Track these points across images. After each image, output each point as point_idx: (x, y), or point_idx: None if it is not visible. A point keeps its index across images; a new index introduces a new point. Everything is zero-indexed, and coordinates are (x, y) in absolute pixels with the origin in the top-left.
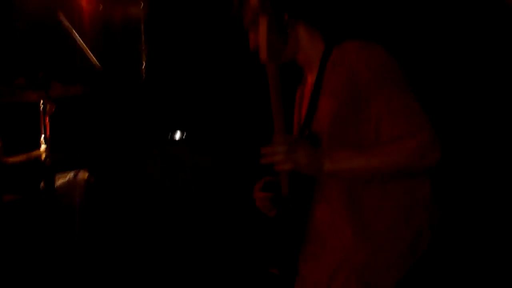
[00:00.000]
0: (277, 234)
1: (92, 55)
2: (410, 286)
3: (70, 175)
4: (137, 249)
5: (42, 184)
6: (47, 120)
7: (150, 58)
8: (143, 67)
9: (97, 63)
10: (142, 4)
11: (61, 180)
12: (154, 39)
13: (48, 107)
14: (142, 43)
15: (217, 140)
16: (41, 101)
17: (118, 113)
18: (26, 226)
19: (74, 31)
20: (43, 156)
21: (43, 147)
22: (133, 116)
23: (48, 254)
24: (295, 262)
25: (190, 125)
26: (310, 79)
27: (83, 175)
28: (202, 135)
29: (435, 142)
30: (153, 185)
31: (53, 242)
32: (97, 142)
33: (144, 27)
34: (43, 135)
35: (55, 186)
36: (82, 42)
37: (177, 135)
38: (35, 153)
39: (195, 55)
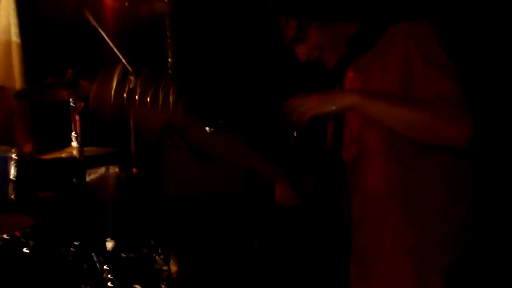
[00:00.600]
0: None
1: (119, 52)
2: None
3: (102, 170)
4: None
5: (74, 180)
6: (77, 117)
7: (176, 53)
8: (169, 61)
9: (124, 60)
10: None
11: (92, 175)
12: (180, 34)
13: (77, 104)
14: (168, 38)
15: (246, 133)
16: (71, 99)
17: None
18: (60, 221)
19: (101, 29)
20: (75, 152)
21: (74, 143)
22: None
23: (82, 249)
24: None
25: (219, 117)
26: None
27: (114, 170)
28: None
29: (470, 118)
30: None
31: (87, 236)
32: (126, 137)
33: (170, 23)
34: (73, 132)
35: (87, 181)
36: (109, 40)
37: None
38: (67, 149)
39: (221, 49)
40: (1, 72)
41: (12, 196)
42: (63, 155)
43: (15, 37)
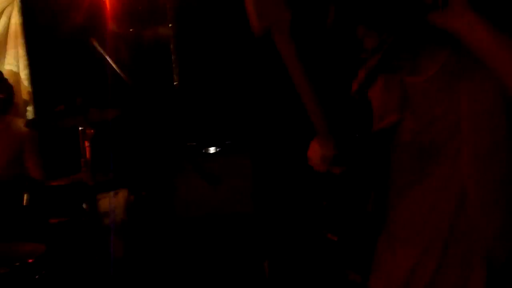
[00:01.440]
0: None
1: (126, 77)
2: None
3: (111, 194)
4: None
5: (85, 205)
6: (86, 144)
7: (181, 75)
8: (175, 84)
9: (131, 84)
10: (171, 24)
11: (102, 200)
12: (184, 56)
13: (87, 131)
14: (173, 61)
15: (255, 150)
16: (80, 127)
17: (154, 131)
18: (72, 246)
19: (107, 56)
20: (85, 178)
21: (84, 169)
22: (168, 132)
23: (93, 272)
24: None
25: (225, 138)
26: None
27: (123, 193)
28: (238, 147)
29: None
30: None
31: (97, 260)
32: (134, 160)
33: (174, 47)
34: (83, 159)
35: (97, 206)
36: (116, 66)
37: (211, 149)
38: (77, 176)
39: (224, 69)
40: None
41: (24, 223)
42: (73, 181)
43: (23, 68)
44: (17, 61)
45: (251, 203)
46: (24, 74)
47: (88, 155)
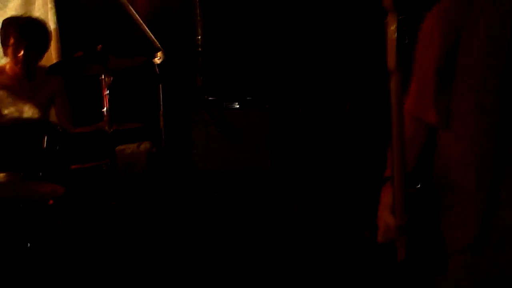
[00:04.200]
0: None
1: (147, 28)
2: None
3: (134, 146)
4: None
5: (104, 154)
6: (104, 92)
7: (205, 30)
8: (198, 37)
9: (152, 36)
10: None
11: (125, 151)
12: (209, 11)
13: (106, 79)
14: (198, 15)
15: (275, 107)
16: (100, 74)
17: (175, 84)
18: (91, 194)
19: (130, 6)
20: (106, 126)
21: (105, 118)
22: (189, 86)
23: (113, 221)
24: None
25: (247, 94)
26: None
27: (146, 145)
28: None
29: None
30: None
31: (116, 211)
32: (156, 113)
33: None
34: (105, 107)
35: (121, 157)
36: (138, 17)
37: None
38: (99, 124)
39: (248, 26)
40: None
41: (44, 166)
42: (94, 129)
43: (52, 24)
44: (46, 9)
45: (270, 161)
46: (53, 31)
47: (106, 102)
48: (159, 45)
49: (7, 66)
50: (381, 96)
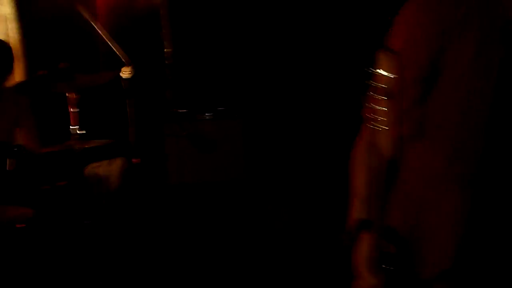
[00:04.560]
0: None
1: (114, 43)
2: None
3: (105, 163)
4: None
5: (73, 172)
6: (71, 110)
7: (174, 41)
8: (165, 50)
9: (120, 50)
10: None
11: (97, 168)
12: (177, 22)
13: (70, 96)
14: (164, 28)
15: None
16: (66, 92)
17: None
18: (61, 213)
19: (95, 23)
20: (74, 145)
21: (73, 136)
22: (159, 99)
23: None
24: None
25: (218, 104)
26: None
27: (119, 162)
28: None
29: None
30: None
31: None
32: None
33: (165, 12)
34: (72, 126)
35: (93, 174)
36: (104, 32)
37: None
38: (68, 143)
39: (217, 35)
40: None
41: (10, 188)
42: (63, 148)
43: (15, 43)
44: (7, 27)
45: (244, 169)
46: (14, 40)
47: (73, 120)
48: (128, 59)
49: None
50: (347, 98)
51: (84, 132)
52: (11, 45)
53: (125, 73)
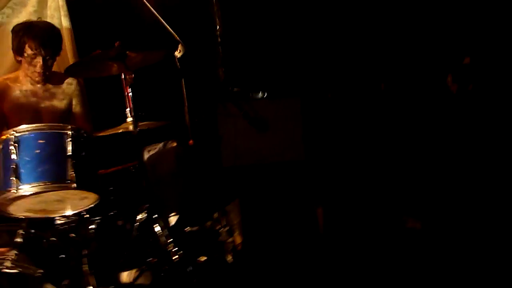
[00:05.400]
0: None
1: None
2: None
3: (160, 146)
4: None
5: (131, 156)
6: (127, 90)
7: (224, 19)
8: (218, 28)
9: (170, 29)
10: None
11: (151, 152)
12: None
13: (127, 77)
14: (215, 5)
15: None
16: (121, 73)
17: (197, 78)
18: (120, 197)
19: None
20: (130, 127)
21: (129, 118)
22: (212, 79)
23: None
24: None
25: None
26: None
27: (172, 145)
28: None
29: None
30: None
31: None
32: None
33: None
34: (128, 107)
35: (146, 158)
36: (155, 12)
37: (259, 94)
38: (123, 125)
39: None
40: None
41: (71, 173)
42: (120, 130)
43: (65, 23)
44: (58, 12)
45: (302, 150)
46: (66, 30)
47: (129, 101)
48: (178, 38)
49: (21, 74)
50: (418, 72)
51: (142, 114)
52: (64, 36)
53: (176, 52)
